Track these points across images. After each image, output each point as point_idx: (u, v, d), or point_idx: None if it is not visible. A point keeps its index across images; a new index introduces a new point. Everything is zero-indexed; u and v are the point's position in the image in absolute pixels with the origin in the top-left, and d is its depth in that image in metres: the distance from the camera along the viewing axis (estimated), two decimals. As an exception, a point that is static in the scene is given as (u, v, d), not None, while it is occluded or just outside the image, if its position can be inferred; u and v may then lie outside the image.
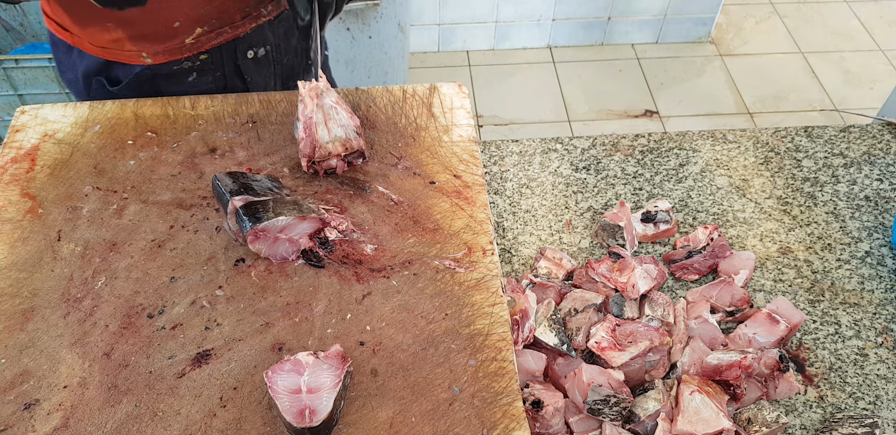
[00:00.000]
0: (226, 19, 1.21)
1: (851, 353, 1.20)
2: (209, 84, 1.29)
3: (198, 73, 1.27)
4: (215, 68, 1.27)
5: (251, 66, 1.30)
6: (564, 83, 3.24)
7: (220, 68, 1.28)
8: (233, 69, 1.29)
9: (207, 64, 1.26)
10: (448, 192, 1.09)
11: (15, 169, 1.11)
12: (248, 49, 1.27)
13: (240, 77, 1.31)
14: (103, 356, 0.90)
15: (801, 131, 1.55)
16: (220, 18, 1.20)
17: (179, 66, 1.24)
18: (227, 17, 1.21)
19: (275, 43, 1.30)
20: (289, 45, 1.33)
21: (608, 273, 1.24)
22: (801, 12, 3.60)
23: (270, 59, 1.32)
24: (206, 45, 1.22)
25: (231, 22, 1.21)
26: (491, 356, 0.90)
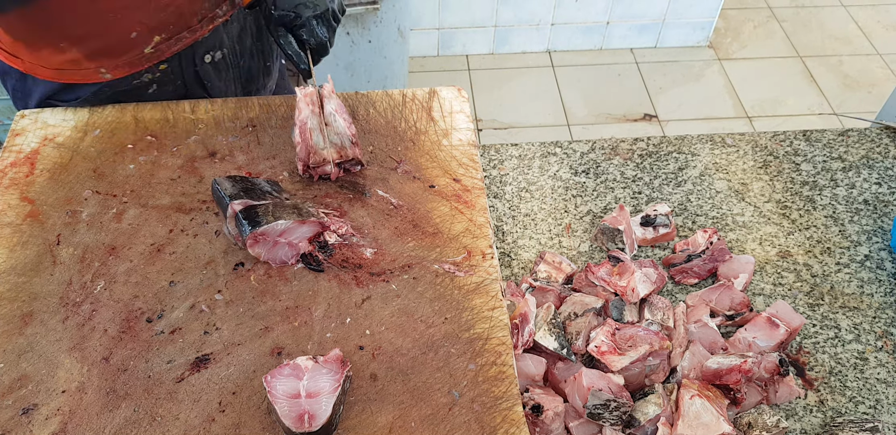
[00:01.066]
0: (182, 24, 1.18)
1: (851, 357, 1.20)
2: (170, 95, 1.27)
3: (158, 85, 1.24)
4: (175, 77, 1.25)
5: (210, 71, 1.28)
6: (563, 87, 3.24)
7: (179, 77, 1.26)
8: (192, 76, 1.27)
9: (167, 74, 1.24)
10: (448, 196, 1.09)
11: (14, 173, 1.11)
12: (206, 53, 1.25)
13: (199, 84, 1.29)
14: (102, 361, 0.90)
15: (800, 135, 1.55)
16: (176, 24, 1.17)
17: (139, 79, 1.22)
18: (184, 22, 1.18)
19: (230, 45, 1.29)
20: (244, 46, 1.32)
21: (608, 277, 1.24)
22: (799, 17, 3.60)
23: (228, 63, 1.30)
24: (166, 52, 1.19)
25: (188, 26, 1.19)
26: (491, 360, 0.90)
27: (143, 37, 1.15)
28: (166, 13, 1.15)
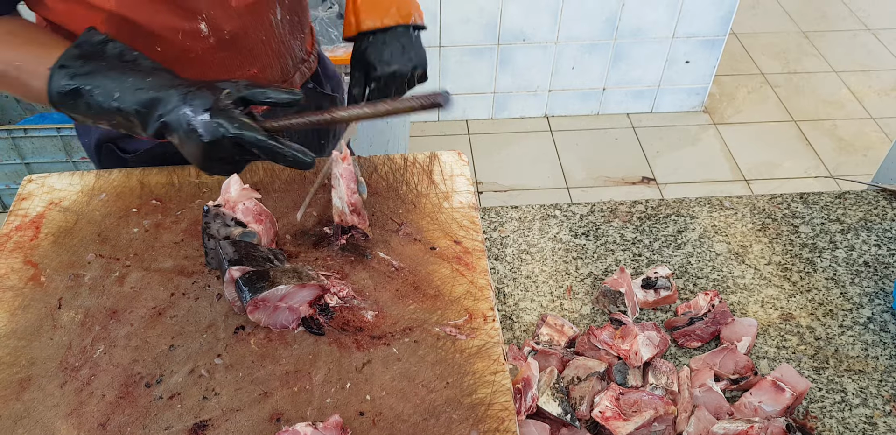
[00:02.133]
0: None
1: (859, 421, 1.18)
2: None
3: None
4: None
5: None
6: (562, 151, 3.29)
7: None
8: None
9: None
10: (448, 258, 1.09)
11: (19, 236, 1.12)
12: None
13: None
14: (98, 427, 0.89)
15: (797, 198, 1.56)
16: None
17: None
18: None
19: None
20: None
21: (610, 340, 1.23)
22: (792, 82, 3.69)
23: (282, 135, 1.32)
24: None
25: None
26: (493, 427, 0.89)
27: None
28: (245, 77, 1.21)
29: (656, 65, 3.30)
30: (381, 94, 1.21)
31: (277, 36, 1.22)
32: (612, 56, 3.25)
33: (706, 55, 3.28)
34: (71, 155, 2.66)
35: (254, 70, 1.22)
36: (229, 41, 1.15)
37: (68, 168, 2.69)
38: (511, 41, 3.16)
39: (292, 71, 1.29)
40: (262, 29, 1.18)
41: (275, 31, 1.21)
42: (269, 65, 1.23)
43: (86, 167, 2.70)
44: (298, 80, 1.31)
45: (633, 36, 3.18)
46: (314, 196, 1.17)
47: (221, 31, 1.13)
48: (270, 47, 1.22)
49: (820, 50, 3.91)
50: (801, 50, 3.91)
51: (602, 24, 3.12)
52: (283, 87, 0.96)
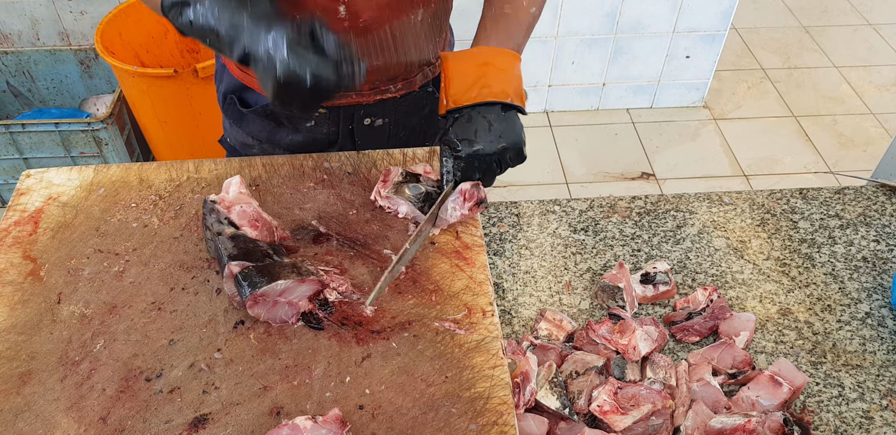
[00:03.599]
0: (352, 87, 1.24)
1: (856, 416, 1.18)
2: (323, 135, 1.33)
3: (315, 122, 1.31)
4: (331, 124, 1.31)
5: (366, 132, 1.34)
6: (561, 146, 3.29)
7: (335, 125, 1.32)
8: (347, 131, 1.33)
9: (325, 118, 1.30)
10: (448, 253, 1.09)
11: (18, 231, 1.12)
12: (367, 117, 1.31)
13: (351, 138, 1.34)
14: (99, 421, 0.89)
15: (797, 193, 1.56)
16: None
17: None
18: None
19: (394, 117, 1.34)
20: (408, 121, 1.37)
21: (609, 335, 1.23)
22: (793, 77, 3.68)
23: (387, 131, 1.35)
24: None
25: (357, 90, 1.26)
26: (492, 420, 0.89)
27: None
28: None
29: (656, 60, 3.30)
30: (465, 176, 1.13)
31: (412, 35, 1.22)
32: (612, 51, 3.25)
33: (706, 50, 3.27)
34: (69, 150, 2.66)
35: (378, 61, 1.22)
36: (362, 29, 1.16)
37: (66, 163, 2.70)
38: (511, 36, 3.16)
39: (415, 71, 1.30)
40: (398, 25, 1.19)
41: (410, 30, 1.21)
42: (393, 60, 1.24)
43: (84, 162, 2.70)
44: (419, 80, 1.31)
45: (634, 30, 3.17)
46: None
47: (358, 18, 1.14)
48: (401, 44, 1.22)
49: (821, 45, 3.91)
50: (802, 45, 3.91)
51: (602, 19, 3.12)
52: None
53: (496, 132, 1.11)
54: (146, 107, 2.62)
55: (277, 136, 1.34)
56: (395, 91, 1.29)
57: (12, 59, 2.91)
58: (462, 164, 1.11)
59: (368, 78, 1.24)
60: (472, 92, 1.11)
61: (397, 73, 1.27)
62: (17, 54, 2.90)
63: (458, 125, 1.11)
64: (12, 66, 2.93)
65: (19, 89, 3.01)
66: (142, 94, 2.56)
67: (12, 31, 2.92)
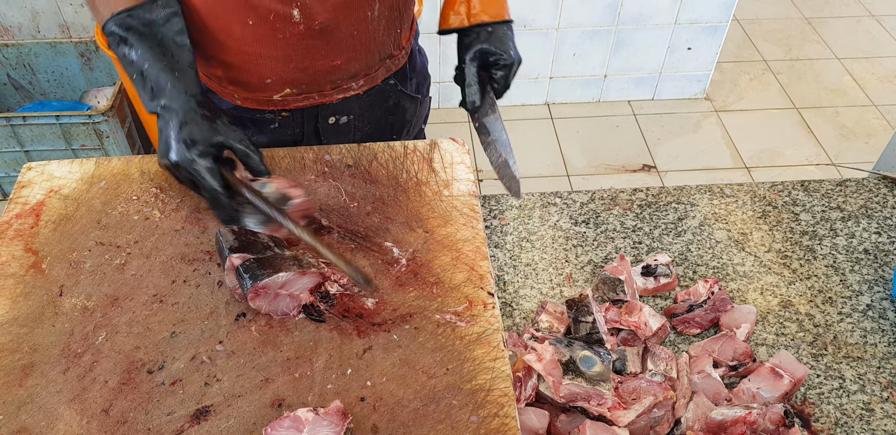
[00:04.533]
0: (315, 87, 1.25)
1: (857, 407, 1.18)
2: (288, 136, 1.34)
3: (279, 124, 1.31)
4: (295, 126, 1.32)
5: (331, 131, 1.34)
6: (562, 139, 3.28)
7: (299, 126, 1.32)
8: (312, 130, 1.33)
9: (289, 120, 1.30)
10: (448, 246, 1.09)
11: (20, 224, 1.12)
12: (331, 115, 1.31)
13: (317, 138, 1.35)
14: (101, 413, 0.90)
15: (798, 185, 1.56)
16: (309, 85, 1.24)
17: (262, 115, 1.29)
18: (317, 86, 1.25)
19: (358, 113, 1.34)
20: (372, 115, 1.36)
21: (617, 317, 1.24)
22: (795, 69, 3.67)
23: (351, 127, 1.36)
24: (291, 104, 1.27)
25: (320, 90, 1.26)
26: (493, 412, 0.90)
27: (276, 85, 1.23)
28: (303, 74, 1.22)
29: (658, 51, 3.29)
30: (505, 85, 1.25)
31: (370, 31, 1.22)
32: (613, 43, 3.24)
33: (708, 42, 3.26)
34: (70, 143, 2.66)
35: (337, 61, 1.23)
36: (318, 31, 1.16)
37: (68, 156, 2.69)
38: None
39: (377, 65, 1.29)
40: (355, 23, 1.19)
41: (368, 27, 1.21)
42: (353, 58, 1.24)
43: (85, 155, 2.70)
44: (381, 74, 1.31)
45: (635, 22, 3.16)
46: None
47: (313, 21, 1.15)
48: (360, 41, 1.22)
49: (823, 36, 3.89)
50: (804, 36, 3.90)
51: (604, 11, 3.11)
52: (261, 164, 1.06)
53: (516, 46, 1.25)
54: (147, 99, 2.62)
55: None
56: (357, 88, 1.29)
57: (13, 51, 2.91)
58: (504, 73, 1.24)
59: (329, 78, 1.25)
60: (495, 10, 1.23)
61: (358, 70, 1.27)
62: (18, 47, 2.90)
63: (495, 38, 1.22)
64: (13, 58, 2.93)
65: (20, 82, 3.00)
66: (142, 86, 2.55)
67: (13, 23, 2.91)
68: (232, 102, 1.28)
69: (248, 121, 1.31)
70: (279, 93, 1.24)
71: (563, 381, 1.06)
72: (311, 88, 1.25)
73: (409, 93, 1.39)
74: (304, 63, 1.20)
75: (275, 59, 1.19)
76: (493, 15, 1.22)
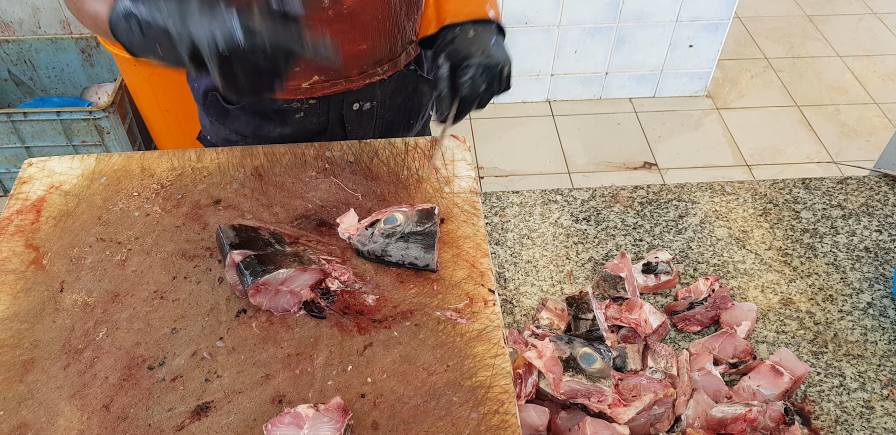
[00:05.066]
0: (342, 73, 1.26)
1: (857, 405, 1.18)
2: (312, 125, 1.34)
3: (304, 114, 1.31)
4: (321, 114, 1.32)
5: (354, 118, 1.34)
6: (564, 136, 3.28)
7: (325, 114, 1.32)
8: (337, 117, 1.33)
9: (314, 108, 1.31)
10: (449, 243, 1.09)
11: (20, 220, 1.12)
12: (355, 102, 1.32)
13: (341, 125, 1.35)
14: (102, 408, 0.90)
15: (799, 183, 1.56)
16: (337, 71, 1.25)
17: (289, 104, 1.29)
18: (344, 72, 1.26)
19: (381, 99, 1.35)
20: (393, 102, 1.37)
21: (618, 314, 1.24)
22: (796, 67, 3.67)
23: (374, 114, 1.36)
24: (319, 92, 1.27)
25: (347, 76, 1.27)
26: (493, 409, 0.90)
27: (305, 73, 1.24)
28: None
29: (659, 49, 3.28)
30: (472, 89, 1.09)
31: (393, 16, 1.23)
32: (615, 40, 3.23)
33: (710, 39, 3.26)
34: (71, 139, 2.65)
35: (363, 46, 1.23)
36: (346, 15, 1.17)
37: (68, 152, 2.69)
38: (513, 24, 3.14)
39: (399, 50, 1.31)
40: (379, 7, 1.20)
41: (391, 11, 1.22)
42: (379, 43, 1.25)
43: (86, 151, 2.70)
44: (403, 60, 1.32)
45: (637, 19, 3.16)
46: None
47: (341, 5, 1.15)
48: (385, 26, 1.23)
49: (824, 34, 3.89)
50: (806, 34, 3.89)
51: (605, 8, 3.10)
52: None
53: (499, 46, 1.13)
54: (147, 95, 2.62)
55: (265, 130, 1.34)
56: (382, 73, 1.30)
57: (13, 47, 2.90)
58: (471, 76, 1.08)
59: (356, 62, 1.26)
60: (466, 9, 1.16)
61: (384, 55, 1.28)
62: (19, 43, 2.89)
63: (463, 38, 1.13)
64: (13, 54, 2.92)
65: (21, 78, 3.00)
66: (143, 82, 2.55)
67: (13, 19, 2.91)
68: None
69: (270, 112, 1.31)
70: (308, 80, 1.25)
71: (563, 377, 1.06)
72: (338, 75, 1.26)
73: (427, 77, 1.40)
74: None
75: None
76: (463, 14, 1.15)
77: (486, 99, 1.12)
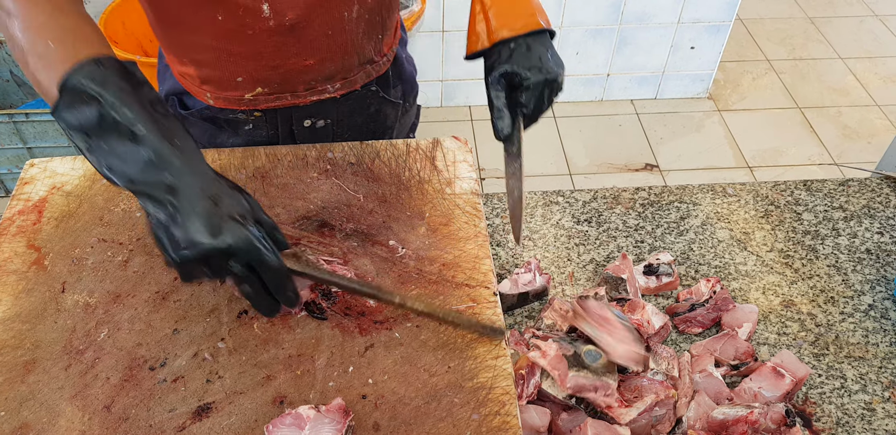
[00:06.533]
0: (287, 87, 1.22)
1: (858, 407, 1.18)
2: (262, 138, 1.31)
3: (252, 126, 1.29)
4: (269, 127, 1.29)
5: (307, 135, 1.30)
6: (565, 137, 3.28)
7: (273, 127, 1.29)
8: (287, 132, 1.30)
9: (262, 121, 1.27)
10: (451, 245, 1.09)
11: (22, 221, 1.12)
12: (307, 118, 1.28)
13: (293, 140, 1.31)
14: (103, 409, 0.90)
15: (801, 185, 1.56)
16: (281, 84, 1.21)
17: (235, 115, 1.26)
18: (289, 86, 1.22)
19: (337, 118, 1.30)
20: (353, 121, 1.33)
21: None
22: (798, 69, 3.67)
23: (330, 132, 1.32)
24: (263, 104, 1.24)
25: (292, 90, 1.22)
26: (494, 410, 0.90)
27: (247, 84, 1.20)
28: (274, 73, 1.19)
29: (661, 51, 3.29)
30: (536, 108, 1.07)
31: (347, 33, 1.17)
32: (616, 42, 3.24)
33: (711, 41, 3.26)
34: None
35: (310, 61, 1.19)
36: (289, 28, 1.12)
37: (70, 152, 2.70)
38: (515, 26, 3.14)
39: (355, 70, 1.25)
40: (330, 23, 1.15)
41: (345, 27, 1.16)
42: (328, 59, 1.20)
43: (89, 152, 2.70)
44: (360, 80, 1.27)
45: (639, 21, 3.16)
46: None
47: (283, 16, 1.11)
48: (336, 42, 1.18)
49: (826, 36, 3.89)
50: (807, 36, 3.89)
51: (607, 9, 3.10)
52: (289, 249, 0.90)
53: (556, 58, 1.08)
54: (149, 97, 2.61)
55: (218, 139, 1.31)
56: (333, 91, 1.25)
57: (15, 48, 2.90)
58: (531, 95, 1.05)
59: (302, 77, 1.20)
60: (519, 22, 1.08)
61: (334, 72, 1.23)
62: (21, 43, 2.89)
63: (519, 55, 1.05)
64: (15, 55, 2.93)
65: (23, 79, 3.00)
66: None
67: (15, 20, 2.91)
68: (205, 102, 1.25)
69: (221, 121, 1.27)
70: (251, 91, 1.21)
71: (569, 373, 1.06)
72: (283, 88, 1.22)
73: (391, 99, 1.34)
74: (275, 61, 1.17)
75: (245, 56, 1.15)
76: (516, 28, 1.07)
77: (545, 110, 1.10)
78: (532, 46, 1.06)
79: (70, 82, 0.80)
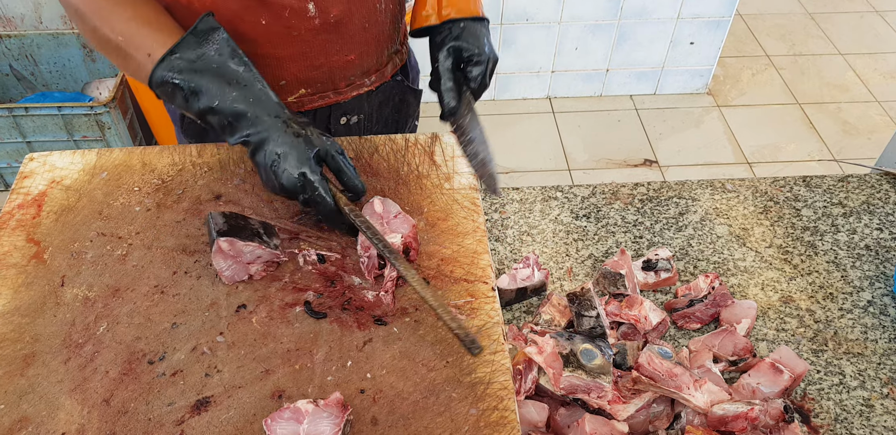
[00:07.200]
0: (329, 85, 1.24)
1: (857, 403, 1.18)
2: None
3: None
4: None
5: (342, 132, 1.33)
6: (564, 133, 3.28)
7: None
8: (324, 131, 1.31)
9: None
10: (449, 239, 1.09)
11: (21, 214, 1.12)
12: (343, 116, 1.30)
13: None
14: (102, 403, 0.90)
15: (800, 181, 1.56)
16: (324, 83, 1.23)
17: None
18: (332, 84, 1.24)
19: (368, 112, 1.33)
20: (381, 114, 1.36)
21: (618, 310, 1.24)
22: (797, 64, 3.67)
23: (361, 127, 1.35)
24: (306, 105, 1.25)
25: (334, 88, 1.25)
26: (492, 405, 0.90)
27: (291, 86, 1.22)
28: (318, 72, 1.21)
29: (660, 46, 3.28)
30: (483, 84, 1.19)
31: (379, 24, 1.22)
32: (615, 37, 3.23)
33: (711, 36, 3.26)
34: (72, 133, 2.65)
35: (351, 56, 1.22)
36: (333, 24, 1.16)
37: (69, 147, 2.69)
38: (514, 21, 3.14)
39: (386, 60, 1.29)
40: (366, 15, 1.19)
41: (378, 19, 1.21)
42: (367, 52, 1.24)
43: (87, 146, 2.70)
44: (390, 69, 1.31)
45: (638, 16, 3.16)
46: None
47: (328, 14, 1.14)
48: (371, 34, 1.22)
49: (826, 32, 3.88)
50: (807, 32, 3.89)
51: (606, 4, 3.10)
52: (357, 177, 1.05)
53: (492, 44, 1.21)
54: (148, 91, 2.60)
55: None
56: (370, 84, 1.29)
57: (15, 42, 2.90)
58: (480, 71, 1.17)
59: (344, 74, 1.24)
60: (466, 6, 1.19)
61: (371, 65, 1.27)
62: (20, 38, 2.89)
63: (468, 33, 1.17)
64: (15, 49, 2.92)
65: (22, 73, 3.00)
66: (144, 77, 2.55)
67: (15, 14, 2.90)
68: None
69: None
70: (293, 94, 1.23)
71: (563, 373, 1.06)
72: (325, 87, 1.24)
73: (413, 87, 1.39)
74: (320, 60, 1.19)
75: (289, 58, 1.18)
76: (463, 11, 1.19)
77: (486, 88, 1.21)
78: (477, 30, 1.19)
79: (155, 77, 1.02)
